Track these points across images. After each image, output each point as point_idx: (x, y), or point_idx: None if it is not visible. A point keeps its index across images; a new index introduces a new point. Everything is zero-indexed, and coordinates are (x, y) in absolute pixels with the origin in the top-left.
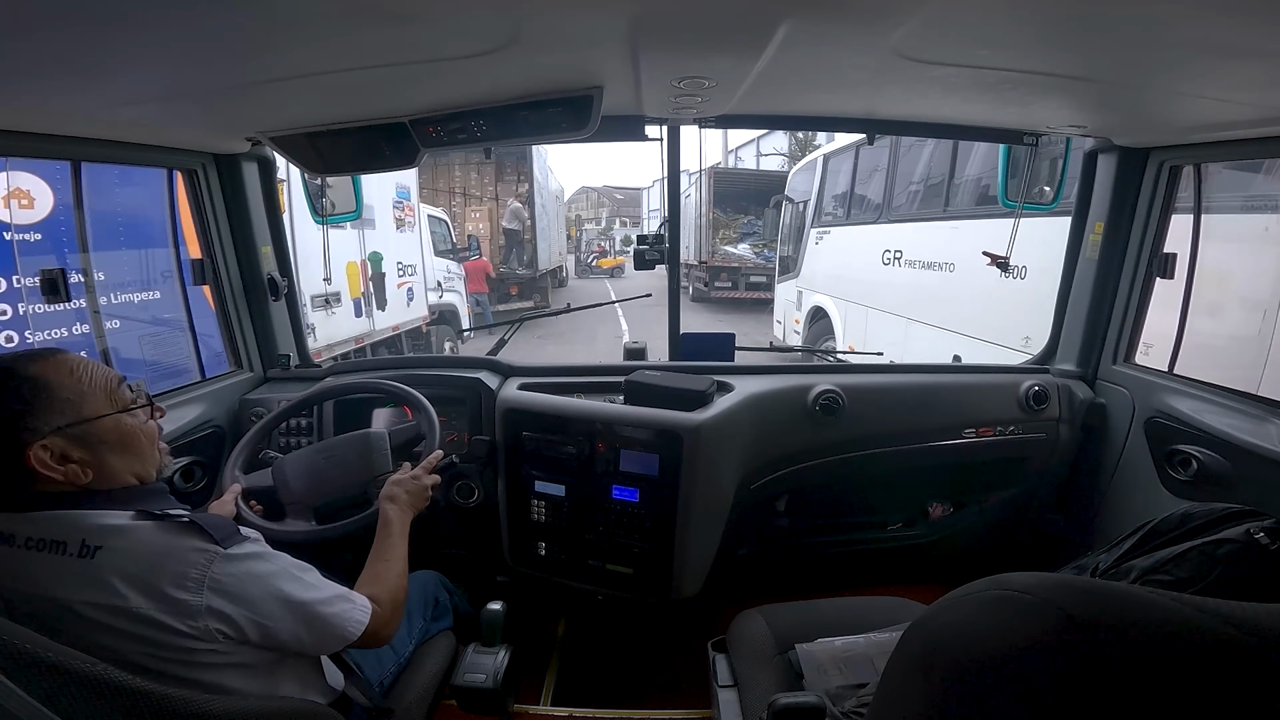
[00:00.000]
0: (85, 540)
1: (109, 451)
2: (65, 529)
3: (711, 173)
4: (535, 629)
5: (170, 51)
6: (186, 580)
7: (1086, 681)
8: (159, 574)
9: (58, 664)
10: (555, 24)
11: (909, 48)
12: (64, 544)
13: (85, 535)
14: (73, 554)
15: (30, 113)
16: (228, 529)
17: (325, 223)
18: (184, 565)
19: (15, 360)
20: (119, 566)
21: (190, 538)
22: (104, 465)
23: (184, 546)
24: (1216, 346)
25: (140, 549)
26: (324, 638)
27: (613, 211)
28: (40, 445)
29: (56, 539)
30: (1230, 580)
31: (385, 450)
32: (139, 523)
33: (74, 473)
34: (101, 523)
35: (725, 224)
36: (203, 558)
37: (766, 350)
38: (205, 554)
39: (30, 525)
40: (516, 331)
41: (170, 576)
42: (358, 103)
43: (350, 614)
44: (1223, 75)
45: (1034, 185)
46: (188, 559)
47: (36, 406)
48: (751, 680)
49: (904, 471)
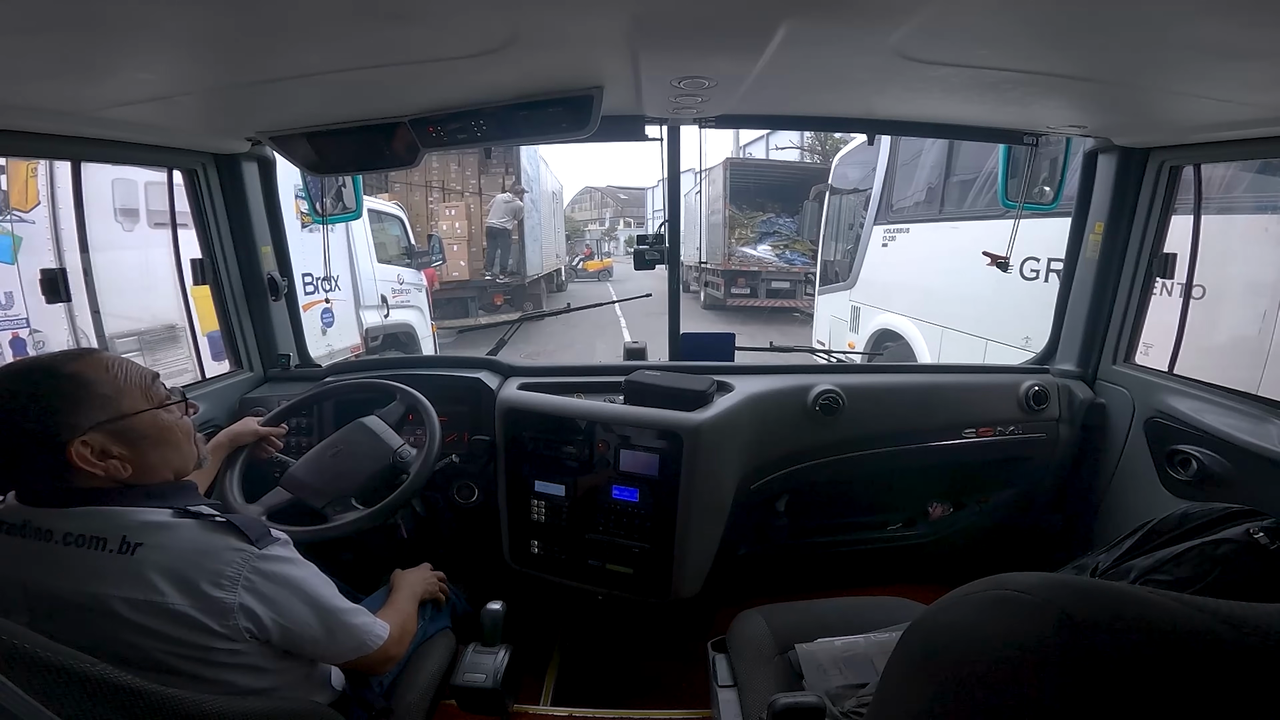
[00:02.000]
0: (126, 536)
1: (148, 446)
2: (105, 525)
3: (728, 164)
4: (535, 629)
5: (170, 51)
6: (222, 579)
7: (1086, 681)
8: (198, 571)
9: (58, 664)
10: (555, 24)
11: (909, 48)
12: (104, 540)
13: (126, 532)
14: (113, 550)
15: (30, 113)
16: (261, 529)
17: (325, 222)
18: (221, 564)
19: (55, 359)
20: (159, 563)
21: (227, 536)
22: (143, 460)
23: (222, 545)
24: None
25: (181, 546)
26: (342, 647)
27: (617, 212)
28: (81, 441)
29: (97, 534)
30: (1230, 580)
31: (386, 428)
32: (179, 520)
33: (114, 468)
34: (143, 519)
35: (742, 222)
36: (239, 557)
37: (766, 350)
38: (241, 553)
39: (69, 521)
40: (515, 333)
41: (208, 574)
42: (358, 102)
43: (371, 628)
44: (1223, 75)
45: (1035, 185)
46: (224, 557)
47: (77, 403)
48: (751, 680)
49: (904, 471)
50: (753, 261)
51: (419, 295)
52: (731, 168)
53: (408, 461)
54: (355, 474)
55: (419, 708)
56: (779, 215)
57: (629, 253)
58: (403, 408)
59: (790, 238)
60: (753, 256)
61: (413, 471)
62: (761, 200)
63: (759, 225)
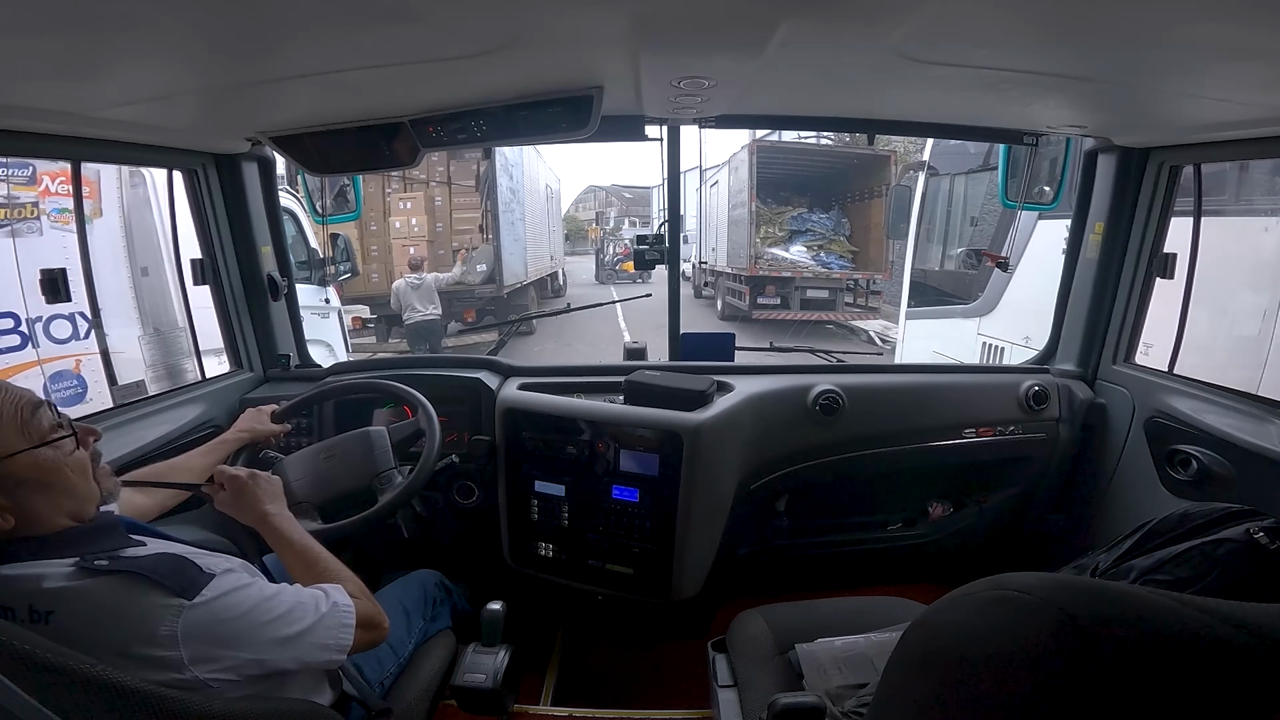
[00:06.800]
0: (33, 606)
1: (29, 493)
2: (4, 591)
3: (754, 147)
4: (535, 629)
5: (170, 51)
6: (157, 637)
7: (1086, 681)
8: (126, 638)
9: (58, 664)
10: (555, 24)
11: (909, 48)
12: (11, 609)
13: (31, 600)
14: (24, 620)
15: (30, 113)
16: (186, 575)
17: (325, 222)
18: (151, 624)
19: None
20: (80, 633)
21: (148, 593)
22: (26, 509)
23: (144, 604)
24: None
25: (97, 612)
26: (319, 657)
27: (622, 211)
28: None
29: (3, 604)
30: (1230, 580)
31: (386, 447)
32: (85, 581)
33: None
34: (45, 584)
35: (769, 218)
36: (169, 613)
37: (766, 350)
38: (170, 609)
39: None
40: (514, 330)
41: (140, 638)
42: (358, 103)
43: (335, 620)
44: (1223, 75)
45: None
46: (152, 616)
47: None
48: (751, 680)
49: (904, 471)
50: (784, 265)
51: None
52: (759, 152)
53: (382, 488)
54: (330, 486)
55: (419, 708)
56: (811, 210)
57: None
58: (412, 427)
59: (826, 236)
60: (784, 259)
61: (383, 500)
62: (787, 194)
63: (788, 222)
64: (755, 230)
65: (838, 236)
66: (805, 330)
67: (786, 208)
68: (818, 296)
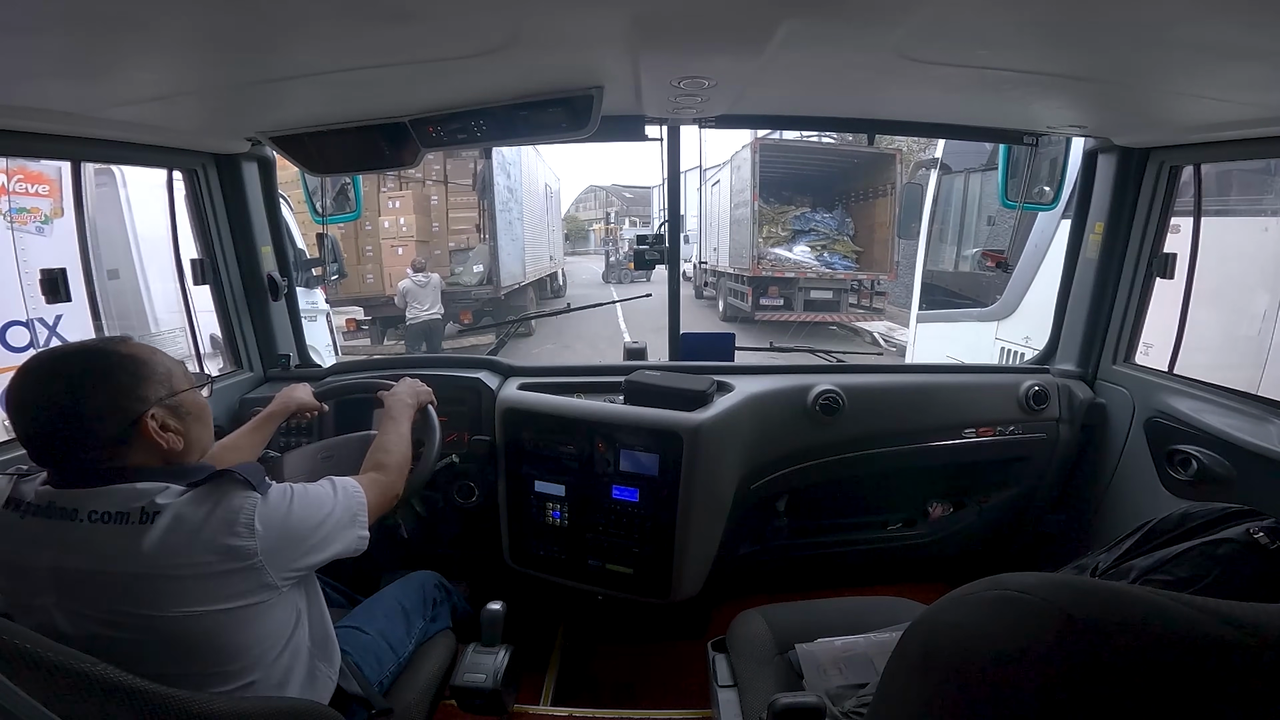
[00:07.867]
0: (145, 508)
1: (193, 422)
2: (128, 500)
3: (757, 145)
4: (535, 629)
5: (172, 51)
6: (238, 526)
7: (1087, 681)
8: (215, 532)
9: (58, 664)
10: (555, 24)
11: (909, 48)
12: (126, 514)
13: (145, 504)
14: (134, 522)
15: (30, 113)
16: (259, 474)
17: (325, 222)
18: (233, 514)
19: (104, 343)
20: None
21: (234, 487)
22: (190, 435)
23: (231, 497)
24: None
25: (196, 511)
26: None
27: (622, 210)
28: (150, 414)
29: (120, 510)
30: (1230, 580)
31: None
32: (190, 493)
33: (172, 441)
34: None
35: (771, 218)
36: (247, 503)
37: (766, 350)
38: (249, 499)
39: (94, 499)
40: (514, 331)
41: (225, 528)
42: (358, 103)
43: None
44: (1223, 75)
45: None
46: (234, 506)
47: (142, 380)
48: (751, 680)
49: (904, 471)
50: (788, 266)
51: (313, 328)
52: (762, 150)
53: None
54: None
55: (419, 708)
56: (814, 209)
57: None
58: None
59: (830, 236)
60: (787, 260)
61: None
62: (790, 193)
63: (791, 221)
64: (758, 230)
65: (842, 236)
66: (808, 332)
67: (789, 207)
68: (821, 298)
